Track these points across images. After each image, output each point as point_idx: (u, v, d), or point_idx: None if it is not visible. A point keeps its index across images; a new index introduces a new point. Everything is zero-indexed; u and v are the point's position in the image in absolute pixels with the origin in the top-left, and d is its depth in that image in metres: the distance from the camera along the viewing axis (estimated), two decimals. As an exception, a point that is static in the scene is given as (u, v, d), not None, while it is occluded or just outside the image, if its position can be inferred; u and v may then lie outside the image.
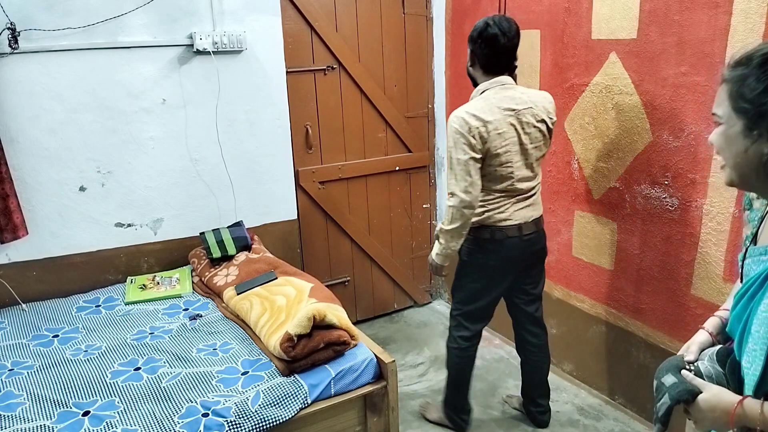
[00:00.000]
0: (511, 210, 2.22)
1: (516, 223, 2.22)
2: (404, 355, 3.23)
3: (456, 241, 2.21)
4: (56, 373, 2.03)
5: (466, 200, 2.11)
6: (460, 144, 2.08)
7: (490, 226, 2.22)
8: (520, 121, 2.12)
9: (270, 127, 3.01)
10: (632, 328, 2.53)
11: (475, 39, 2.13)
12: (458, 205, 2.12)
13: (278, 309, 2.20)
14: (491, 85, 2.15)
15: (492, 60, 2.13)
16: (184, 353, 2.14)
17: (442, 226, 2.20)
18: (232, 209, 2.99)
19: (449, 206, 2.15)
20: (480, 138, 2.07)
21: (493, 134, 2.08)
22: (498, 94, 2.13)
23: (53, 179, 2.58)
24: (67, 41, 2.48)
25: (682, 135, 2.19)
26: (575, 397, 2.79)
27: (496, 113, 2.09)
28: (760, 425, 0.98)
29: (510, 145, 2.12)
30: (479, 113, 2.08)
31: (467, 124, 2.07)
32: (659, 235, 2.35)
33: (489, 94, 2.13)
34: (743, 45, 1.91)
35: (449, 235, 2.19)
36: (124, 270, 2.78)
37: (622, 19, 2.32)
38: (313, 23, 3.06)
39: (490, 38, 2.09)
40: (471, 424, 2.59)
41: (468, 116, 2.07)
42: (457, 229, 2.17)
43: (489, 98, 2.12)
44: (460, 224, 2.15)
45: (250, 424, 1.79)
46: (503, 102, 2.11)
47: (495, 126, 2.08)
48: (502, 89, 2.14)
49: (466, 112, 2.08)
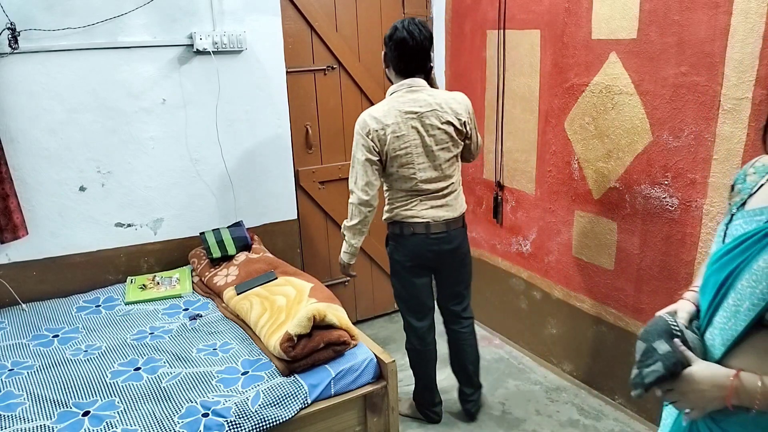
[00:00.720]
0: (418, 208, 2.31)
1: (423, 221, 2.30)
2: (404, 355, 3.22)
3: (357, 238, 2.33)
4: (56, 373, 2.03)
5: (363, 198, 2.24)
6: (359, 144, 2.20)
7: (399, 222, 2.35)
8: (423, 124, 2.19)
9: (270, 127, 3.01)
10: (632, 328, 2.53)
11: (386, 42, 2.21)
12: (356, 203, 2.27)
13: (278, 309, 2.20)
14: (399, 87, 2.23)
15: (401, 63, 2.21)
16: (184, 353, 2.14)
17: (345, 223, 2.33)
18: (232, 209, 2.99)
19: (350, 203, 2.29)
20: (378, 141, 2.18)
21: (391, 137, 2.17)
22: (403, 96, 2.21)
23: (53, 179, 2.58)
24: (67, 41, 2.48)
25: (682, 135, 2.19)
26: (575, 397, 2.79)
27: (395, 116, 2.17)
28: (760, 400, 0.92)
29: (411, 147, 2.20)
30: (379, 116, 2.18)
31: (367, 127, 2.18)
32: (659, 235, 2.35)
33: (394, 97, 2.22)
34: (743, 45, 1.92)
35: (351, 232, 2.33)
36: (124, 270, 2.78)
37: (622, 19, 2.32)
38: (313, 23, 3.06)
39: (398, 42, 2.17)
40: (442, 415, 2.69)
41: (369, 118, 2.18)
42: (357, 226, 2.30)
43: (392, 101, 2.21)
44: (359, 221, 2.29)
45: (250, 424, 1.79)
46: (406, 105, 2.19)
47: (393, 129, 2.17)
48: (408, 92, 2.21)
49: (368, 115, 2.19)
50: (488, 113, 3.14)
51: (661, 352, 1.05)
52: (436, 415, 2.65)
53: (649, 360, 1.06)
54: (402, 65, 2.22)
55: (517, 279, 3.14)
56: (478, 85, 3.19)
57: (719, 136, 2.06)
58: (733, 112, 2.01)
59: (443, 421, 2.68)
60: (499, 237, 3.24)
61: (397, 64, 2.23)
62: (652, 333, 1.10)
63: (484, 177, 3.27)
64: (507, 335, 3.33)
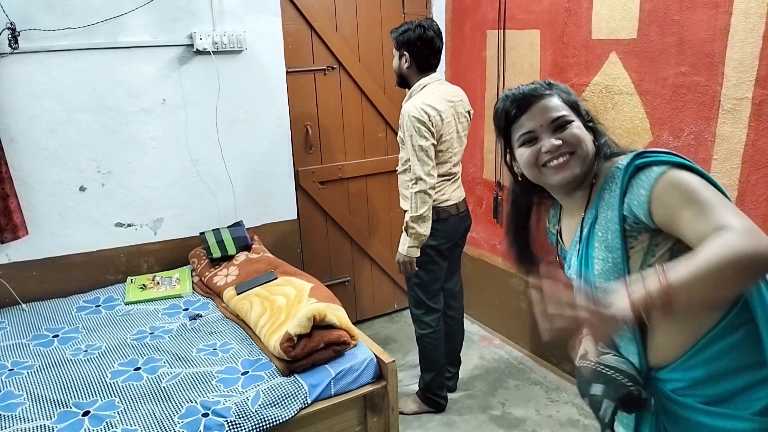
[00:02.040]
0: (449, 191, 2.48)
1: (454, 203, 2.50)
2: (404, 355, 3.23)
3: (425, 226, 2.36)
4: (56, 373, 2.03)
5: (431, 182, 2.31)
6: (422, 131, 2.28)
7: (435, 208, 2.43)
8: (457, 112, 2.41)
9: (270, 127, 3.01)
10: (632, 328, 2.53)
11: (413, 42, 2.35)
12: (425, 189, 2.31)
13: (278, 309, 2.20)
14: (430, 80, 2.41)
15: (430, 60, 2.40)
16: (184, 353, 2.14)
17: (413, 213, 2.33)
18: (232, 209, 2.99)
19: (416, 192, 2.31)
20: (434, 126, 2.30)
21: (444, 122, 2.34)
22: (438, 87, 2.40)
23: (53, 179, 2.58)
24: (67, 41, 2.48)
25: (682, 135, 2.19)
26: (575, 397, 2.79)
27: (443, 103, 2.34)
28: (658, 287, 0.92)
29: (453, 133, 2.40)
30: (433, 103, 2.31)
31: (426, 113, 2.29)
32: (659, 235, 2.34)
33: (432, 88, 2.38)
34: (743, 45, 1.92)
35: (420, 221, 2.34)
36: (124, 270, 2.78)
37: (622, 19, 2.32)
38: (313, 23, 3.06)
39: (429, 41, 2.36)
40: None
41: (425, 106, 2.29)
42: (425, 214, 2.34)
43: (434, 91, 2.37)
44: (427, 207, 2.34)
45: (250, 424, 1.79)
46: (445, 94, 2.39)
47: (444, 115, 2.33)
48: (439, 84, 2.43)
49: (422, 103, 2.30)
50: (488, 113, 3.14)
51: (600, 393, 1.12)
52: (445, 399, 2.74)
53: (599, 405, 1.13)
54: (430, 62, 2.41)
55: (517, 279, 3.14)
56: (478, 85, 3.19)
57: (719, 136, 2.06)
58: (733, 112, 2.01)
59: (443, 420, 2.68)
60: (499, 237, 3.23)
61: (426, 62, 2.40)
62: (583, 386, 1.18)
63: (484, 177, 3.27)
64: (507, 335, 3.32)
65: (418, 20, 2.41)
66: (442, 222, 2.47)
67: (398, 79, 2.50)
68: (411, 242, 2.38)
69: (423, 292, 2.60)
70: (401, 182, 2.52)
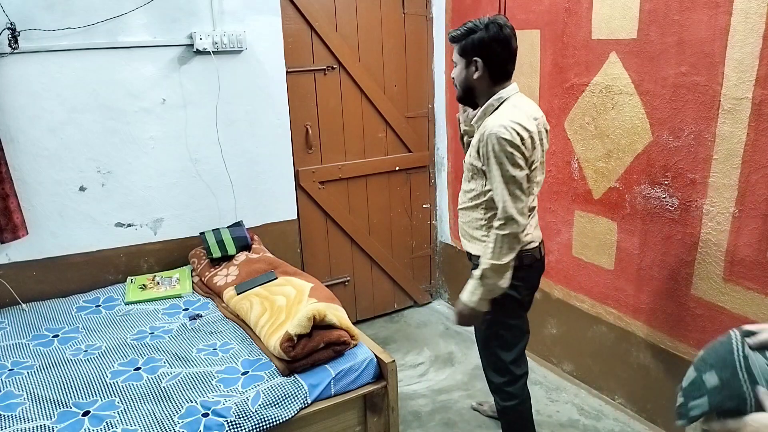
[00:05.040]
0: (531, 230, 1.97)
1: (537, 245, 2.00)
2: (404, 355, 3.23)
3: (507, 276, 1.85)
4: (56, 373, 2.03)
5: (524, 224, 1.82)
6: (515, 158, 1.78)
7: (519, 252, 1.90)
8: (539, 132, 1.91)
9: (270, 127, 3.01)
10: (632, 328, 2.53)
11: (487, 44, 1.82)
12: (516, 231, 1.80)
13: (278, 309, 2.20)
14: (510, 92, 1.89)
15: (507, 66, 1.88)
16: (184, 353, 2.14)
17: (494, 261, 1.82)
18: (232, 209, 2.99)
19: (504, 234, 1.80)
20: (526, 151, 1.81)
21: (534, 146, 1.86)
22: (521, 101, 1.89)
23: (53, 179, 2.58)
24: (67, 41, 2.48)
25: (682, 135, 2.19)
26: (575, 397, 2.79)
27: (532, 123, 1.85)
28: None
29: (539, 158, 1.92)
30: (525, 123, 1.81)
31: (518, 136, 1.78)
32: (659, 235, 2.35)
33: (516, 102, 1.88)
34: (743, 45, 1.92)
35: (503, 270, 1.83)
36: (124, 270, 2.78)
37: (622, 19, 2.32)
38: (313, 23, 3.06)
39: (506, 41, 1.83)
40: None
41: (517, 126, 1.78)
42: (510, 262, 1.84)
43: (521, 107, 1.87)
44: (514, 255, 1.84)
45: (250, 424, 1.79)
46: (530, 110, 1.89)
47: (534, 137, 1.85)
48: (520, 97, 1.91)
49: (514, 122, 1.79)
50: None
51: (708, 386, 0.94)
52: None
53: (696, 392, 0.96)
54: (507, 68, 1.89)
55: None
56: (478, 85, 3.18)
57: (719, 136, 2.06)
58: (733, 112, 2.01)
59: (443, 420, 2.68)
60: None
61: (505, 67, 1.88)
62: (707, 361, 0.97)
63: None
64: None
65: (489, 18, 1.86)
66: (526, 270, 1.96)
67: (462, 92, 1.96)
68: (483, 294, 1.87)
69: (507, 353, 2.08)
70: (468, 220, 2.02)
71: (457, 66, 1.93)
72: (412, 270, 3.77)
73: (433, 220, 3.75)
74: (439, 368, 3.10)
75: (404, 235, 3.68)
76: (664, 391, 2.43)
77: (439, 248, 3.80)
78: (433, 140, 3.63)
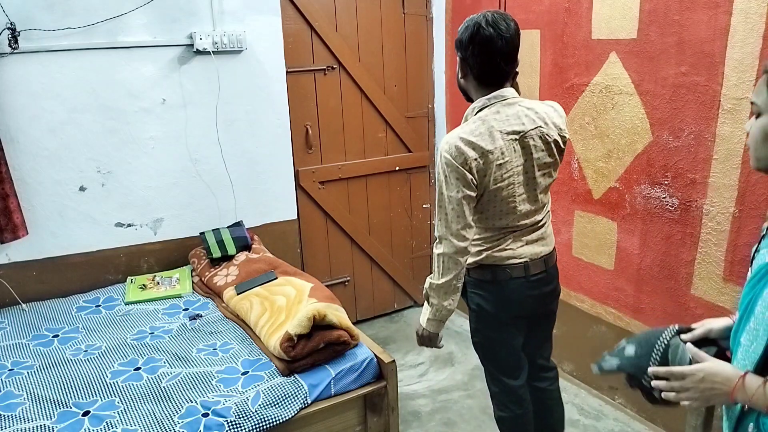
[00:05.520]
0: (514, 246, 1.82)
1: (520, 262, 1.82)
2: (404, 355, 3.23)
3: (451, 297, 1.77)
4: (56, 373, 2.03)
5: (461, 246, 1.70)
6: (452, 178, 1.67)
7: (491, 266, 1.82)
8: (526, 146, 1.71)
9: (270, 127, 3.01)
10: (632, 328, 2.53)
11: (465, 44, 1.69)
12: (451, 252, 1.71)
13: (278, 309, 2.20)
14: (490, 101, 1.72)
15: (488, 69, 1.70)
16: (184, 353, 2.14)
17: (432, 281, 1.77)
18: (232, 209, 2.99)
19: (438, 254, 1.74)
20: (477, 172, 1.67)
21: (494, 166, 1.68)
22: (499, 113, 1.70)
23: (53, 179, 2.58)
24: (67, 41, 2.48)
25: (682, 135, 2.19)
26: (575, 397, 2.79)
27: (497, 139, 1.67)
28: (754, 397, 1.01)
29: (513, 176, 1.72)
30: (477, 140, 1.66)
31: (462, 155, 1.65)
32: (659, 235, 2.35)
33: (488, 114, 1.71)
34: (743, 45, 1.92)
35: (442, 291, 1.76)
36: (124, 270, 2.78)
37: (622, 19, 2.32)
38: (313, 23, 3.06)
39: (484, 42, 1.65)
40: None
41: (463, 144, 1.65)
42: (450, 282, 1.74)
43: (488, 120, 1.69)
44: (454, 275, 1.74)
45: (250, 424, 1.79)
46: (506, 124, 1.69)
47: (496, 156, 1.67)
48: (503, 106, 1.71)
49: (461, 139, 1.66)
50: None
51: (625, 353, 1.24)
52: None
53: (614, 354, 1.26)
54: (489, 71, 1.70)
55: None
56: (478, 85, 3.18)
57: (719, 136, 2.06)
58: (733, 112, 2.01)
59: (443, 420, 2.68)
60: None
61: (483, 72, 1.71)
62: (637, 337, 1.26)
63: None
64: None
65: (484, 13, 1.69)
66: (499, 284, 1.83)
67: (464, 95, 1.85)
68: (430, 314, 1.80)
69: (492, 365, 2.00)
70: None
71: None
72: (412, 270, 3.77)
73: (433, 220, 3.75)
74: (439, 368, 3.10)
75: (404, 235, 3.68)
76: (664, 391, 2.43)
77: (439, 248, 3.80)
78: (433, 140, 3.63)
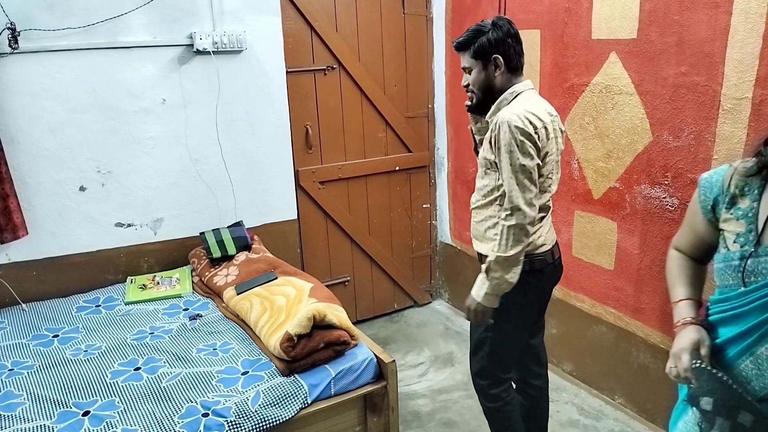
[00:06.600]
0: (544, 231, 1.90)
1: (549, 248, 1.91)
2: (404, 355, 3.23)
3: (515, 270, 1.77)
4: (56, 373, 2.03)
5: (531, 215, 1.73)
6: (525, 147, 1.71)
7: (528, 255, 1.83)
8: (555, 129, 1.83)
9: (270, 127, 3.01)
10: (632, 328, 2.53)
11: (500, 40, 1.81)
12: (523, 222, 1.72)
13: (278, 309, 2.20)
14: (525, 87, 1.85)
15: (521, 58, 1.87)
16: (184, 353, 2.14)
17: (500, 253, 1.75)
18: (232, 209, 2.99)
19: (510, 225, 1.73)
20: (540, 141, 1.75)
21: (549, 140, 1.79)
22: (535, 97, 1.85)
23: (53, 179, 2.58)
24: (67, 41, 2.48)
25: (682, 135, 2.19)
26: (575, 397, 2.79)
27: (546, 116, 1.79)
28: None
29: (554, 155, 1.83)
30: (537, 113, 1.76)
31: (532, 124, 1.72)
32: (659, 235, 2.34)
33: (527, 97, 1.83)
34: (743, 45, 1.92)
35: (509, 264, 1.75)
36: (124, 270, 2.78)
37: (622, 19, 2.32)
38: (313, 23, 3.06)
39: (515, 34, 1.84)
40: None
41: (528, 114, 1.73)
42: (517, 255, 1.75)
43: (533, 99, 1.82)
44: (522, 248, 1.75)
45: (250, 424, 1.79)
46: (542, 106, 1.83)
47: (550, 130, 1.79)
48: (534, 93, 1.86)
49: (527, 111, 1.74)
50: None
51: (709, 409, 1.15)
52: None
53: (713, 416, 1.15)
54: (520, 61, 1.86)
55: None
56: (478, 85, 3.18)
57: (719, 136, 2.06)
58: (733, 112, 2.01)
59: (443, 420, 2.68)
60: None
61: (519, 60, 1.86)
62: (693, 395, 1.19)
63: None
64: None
65: (491, 19, 1.86)
66: (536, 274, 1.88)
67: (483, 95, 1.88)
68: (490, 288, 1.78)
69: (496, 358, 1.99)
70: (481, 219, 1.92)
71: (473, 70, 1.88)
72: (412, 270, 3.77)
73: (433, 220, 3.75)
74: (439, 368, 3.10)
75: (404, 235, 3.68)
76: (664, 391, 2.43)
77: (439, 248, 3.80)
78: (433, 140, 3.62)
